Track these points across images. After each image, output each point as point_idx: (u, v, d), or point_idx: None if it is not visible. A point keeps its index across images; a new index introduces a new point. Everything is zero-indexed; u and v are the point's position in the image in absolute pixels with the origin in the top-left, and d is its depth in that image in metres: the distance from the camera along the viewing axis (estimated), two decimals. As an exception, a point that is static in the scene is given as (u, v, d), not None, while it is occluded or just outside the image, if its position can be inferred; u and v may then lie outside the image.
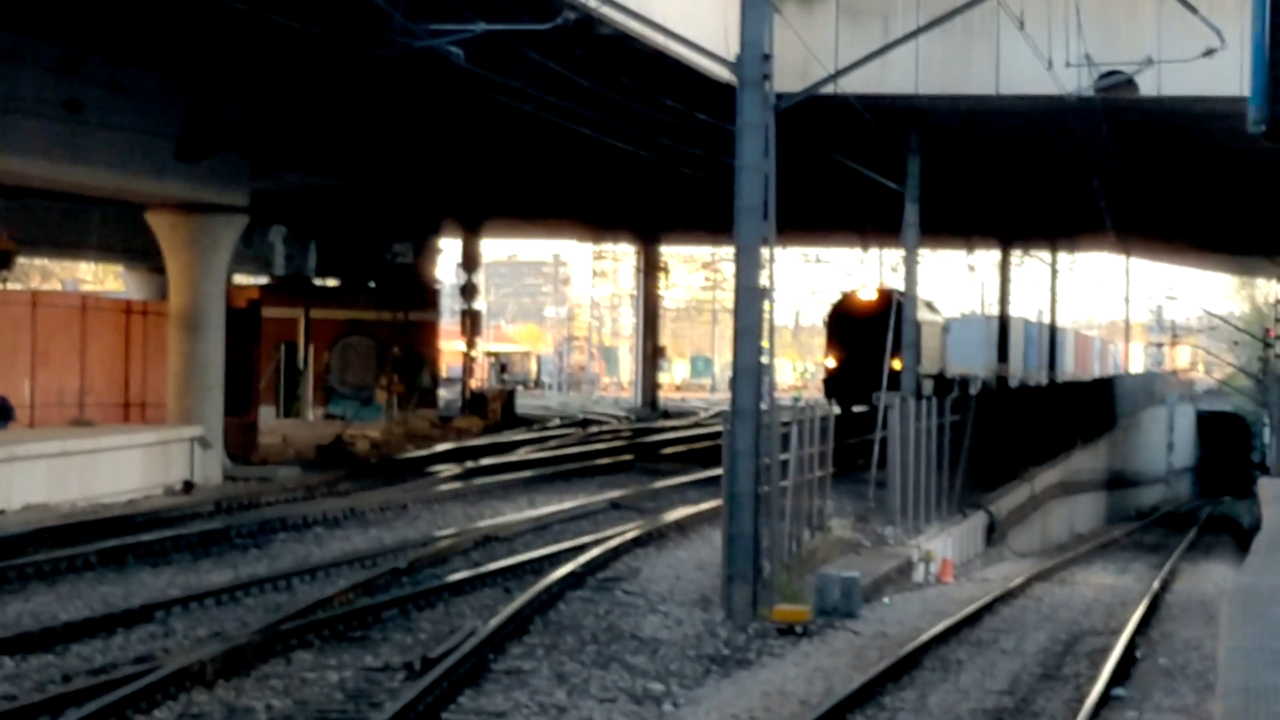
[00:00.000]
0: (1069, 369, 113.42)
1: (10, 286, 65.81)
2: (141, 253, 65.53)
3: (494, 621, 29.05)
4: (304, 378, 67.69)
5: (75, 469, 50.29)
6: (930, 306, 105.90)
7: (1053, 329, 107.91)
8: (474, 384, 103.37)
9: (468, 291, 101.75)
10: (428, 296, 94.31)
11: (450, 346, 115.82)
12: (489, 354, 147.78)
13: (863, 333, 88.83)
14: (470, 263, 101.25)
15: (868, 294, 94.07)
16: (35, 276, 72.65)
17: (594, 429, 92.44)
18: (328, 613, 30.50)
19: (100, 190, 59.25)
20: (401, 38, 36.32)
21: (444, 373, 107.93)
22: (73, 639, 28.33)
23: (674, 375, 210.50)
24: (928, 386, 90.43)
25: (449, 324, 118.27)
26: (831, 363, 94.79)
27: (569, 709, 24.09)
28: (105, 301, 63.73)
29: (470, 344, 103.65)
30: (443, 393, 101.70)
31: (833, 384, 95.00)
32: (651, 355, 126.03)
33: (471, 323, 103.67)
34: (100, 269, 79.29)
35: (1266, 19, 43.30)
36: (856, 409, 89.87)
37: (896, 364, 72.59)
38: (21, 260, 72.28)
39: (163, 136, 54.00)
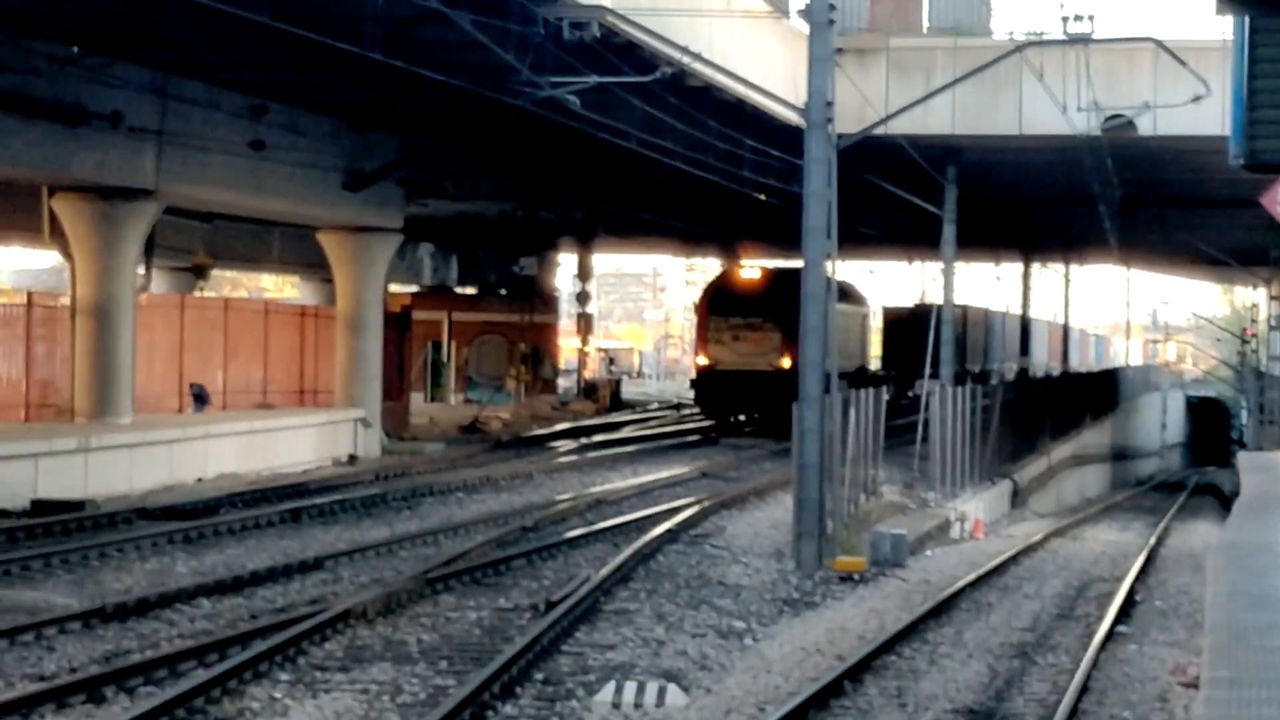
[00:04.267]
0: (1089, 363, 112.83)
1: (206, 294, 65.94)
2: (313, 266, 65.67)
3: (604, 570, 29.12)
4: (447, 369, 67.62)
5: (260, 444, 50.44)
6: (850, 295, 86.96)
7: (1066, 329, 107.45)
8: (587, 374, 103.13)
9: (582, 298, 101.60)
10: (549, 302, 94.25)
11: (567, 344, 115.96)
12: (599, 350, 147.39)
13: (746, 322, 70.89)
14: (584, 274, 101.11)
15: (751, 272, 73.19)
16: (226, 286, 73.04)
17: (686, 412, 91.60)
18: (467, 563, 30.59)
19: (280, 215, 59.37)
20: (528, 88, 36.33)
21: (562, 365, 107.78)
22: (258, 584, 28.52)
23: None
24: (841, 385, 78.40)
25: (566, 325, 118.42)
26: (704, 360, 71.73)
27: (666, 642, 24.12)
28: (284, 306, 63.91)
29: (584, 341, 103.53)
30: (561, 382, 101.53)
31: (706, 389, 73.39)
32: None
33: (585, 323, 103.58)
34: (280, 279, 79.44)
35: (1244, 72, 43.21)
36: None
37: (785, 361, 68.25)
38: (215, 272, 72.53)
39: (332, 170, 54.14)
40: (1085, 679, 21.65)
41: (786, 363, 66.62)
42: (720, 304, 71.29)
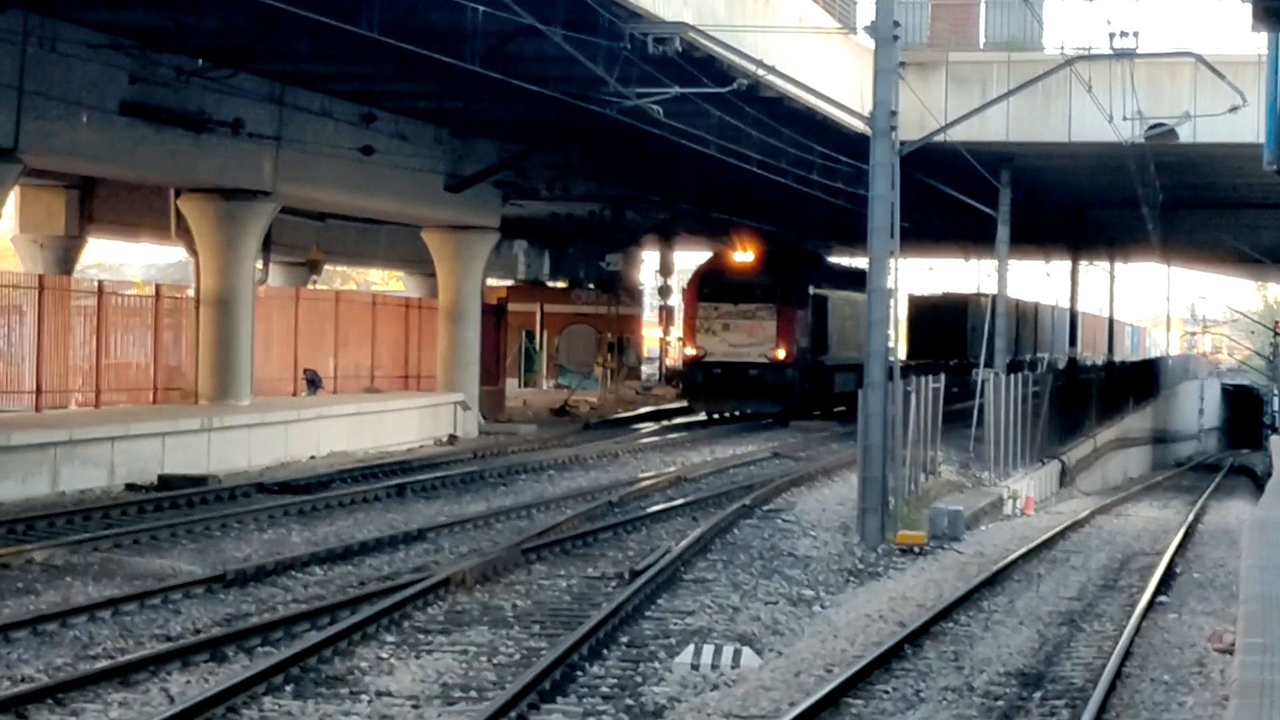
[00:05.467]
0: (1125, 352, 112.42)
1: (318, 287, 66.03)
2: (417, 261, 65.70)
3: (684, 543, 29.10)
4: (539, 356, 67.77)
5: (368, 425, 50.54)
6: (864, 282, 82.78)
7: (1111, 322, 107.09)
8: (669, 362, 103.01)
9: (663, 291, 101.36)
10: (633, 295, 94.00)
11: (650, 334, 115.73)
12: (679, 339, 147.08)
13: (739, 309, 63.30)
14: (665, 269, 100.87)
15: (744, 255, 64.69)
16: (337, 279, 73.14)
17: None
18: (558, 535, 30.59)
19: (387, 214, 59.47)
20: (615, 98, 36.32)
21: (645, 353, 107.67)
22: (366, 554, 28.62)
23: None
24: (846, 379, 68.76)
25: (649, 316, 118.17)
26: (692, 351, 64.44)
27: (741, 609, 24.12)
28: (390, 298, 64.03)
29: (665, 331, 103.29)
30: (644, 369, 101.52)
31: (694, 382, 65.73)
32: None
33: (666, 315, 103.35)
34: (386, 274, 79.58)
35: (1278, 84, 42.91)
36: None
37: (780, 352, 63.09)
38: (327, 267, 72.63)
39: (434, 174, 54.17)
40: (1128, 645, 21.59)
41: (782, 354, 62.55)
42: (710, 289, 63.46)
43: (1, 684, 18.06)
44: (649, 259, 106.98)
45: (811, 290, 64.12)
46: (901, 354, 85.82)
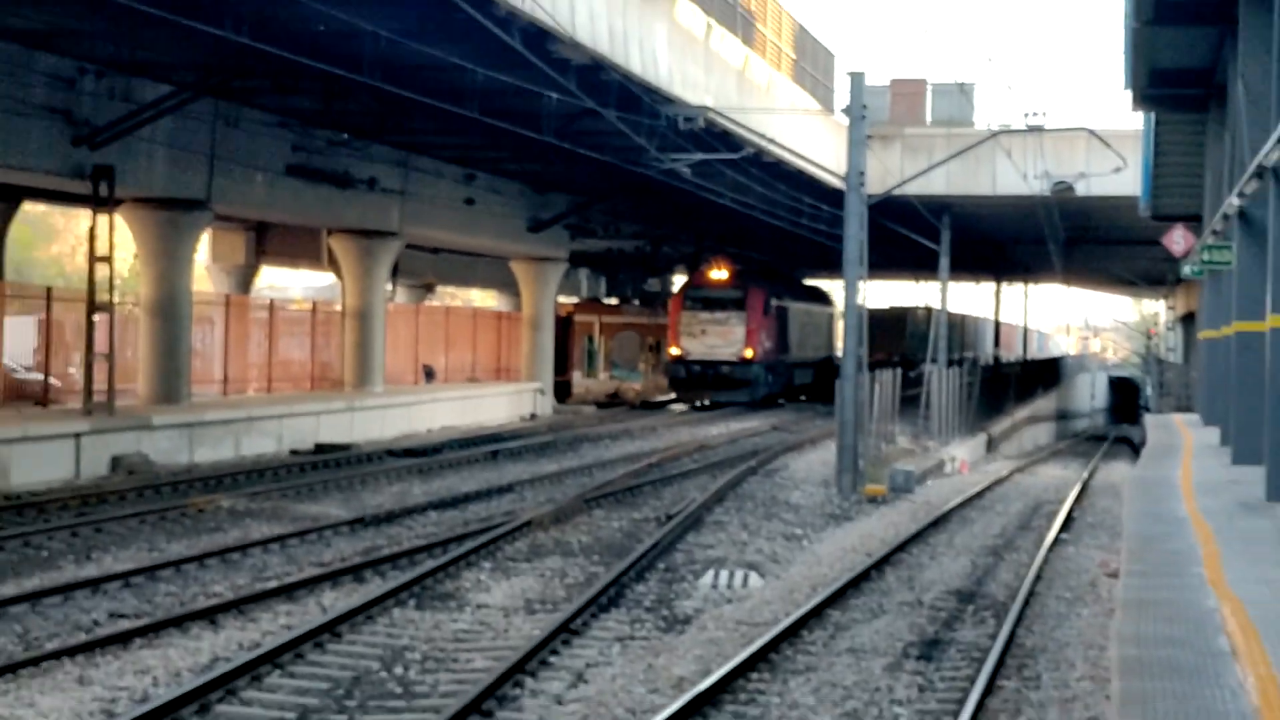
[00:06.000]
0: (1034, 352, 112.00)
1: (433, 303, 66.19)
2: (506, 284, 65.78)
3: (705, 495, 29.14)
4: (597, 355, 67.69)
5: (470, 406, 50.58)
6: (822, 297, 79.84)
7: (1024, 329, 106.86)
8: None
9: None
10: (668, 309, 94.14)
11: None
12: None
13: (713, 317, 60.51)
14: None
15: (720, 273, 61.29)
16: (446, 298, 73.30)
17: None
18: (612, 488, 30.56)
19: (484, 249, 59.57)
20: (654, 162, 36.38)
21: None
22: (469, 501, 28.65)
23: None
24: (804, 373, 69.89)
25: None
26: (675, 351, 61.06)
27: (749, 543, 24.15)
28: (486, 311, 64.15)
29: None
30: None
31: (678, 376, 61.60)
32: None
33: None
34: (483, 293, 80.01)
35: (1151, 151, 42.62)
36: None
37: (747, 352, 60.31)
38: (439, 288, 72.78)
39: (519, 219, 54.36)
40: (1039, 570, 21.55)
41: (749, 353, 60.15)
42: (691, 301, 60.72)
43: (199, 599, 18.21)
44: (679, 281, 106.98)
45: (774, 302, 62.35)
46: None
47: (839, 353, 78.65)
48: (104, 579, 19.00)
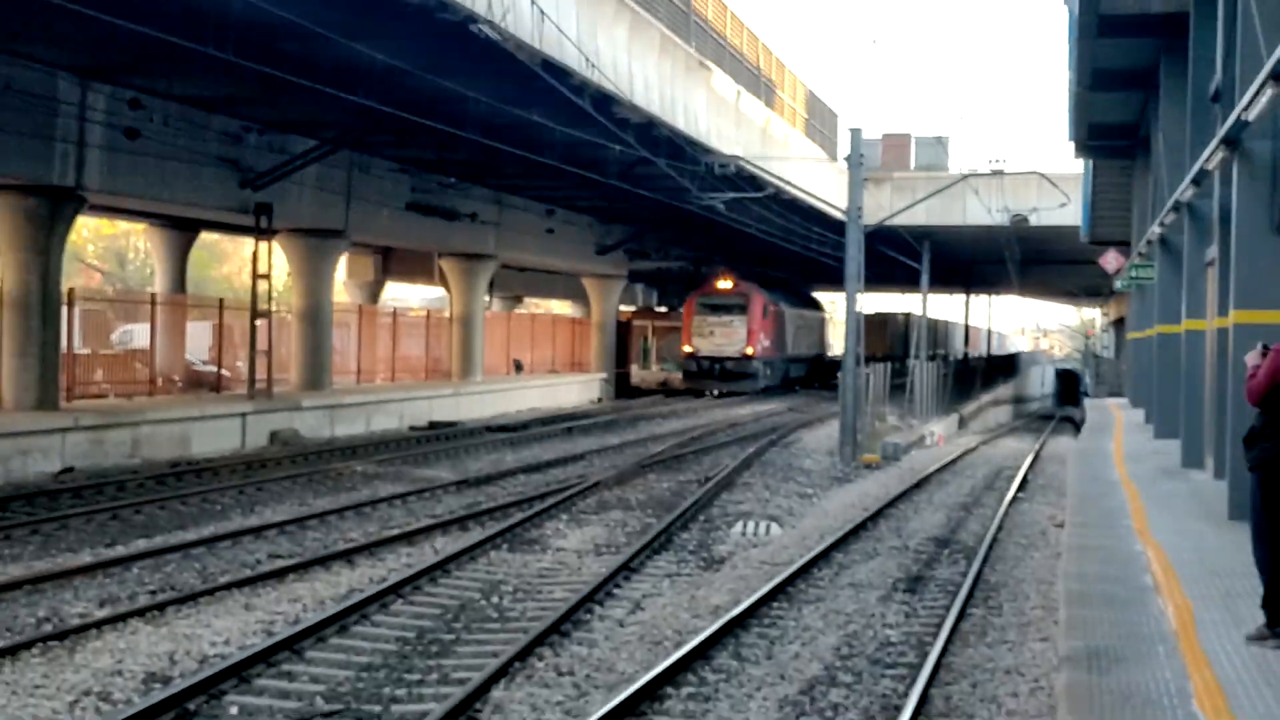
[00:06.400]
0: (995, 350, 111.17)
1: (520, 311, 66.21)
2: (579, 296, 65.78)
3: (735, 462, 29.11)
4: (650, 352, 67.40)
5: (549, 392, 50.64)
6: (814, 302, 77.58)
7: (988, 331, 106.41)
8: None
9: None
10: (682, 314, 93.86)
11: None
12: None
13: (720, 320, 57.83)
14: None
15: (725, 284, 58.65)
16: (531, 307, 73.33)
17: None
18: (662, 456, 30.57)
19: (561, 268, 59.53)
20: (695, 199, 36.35)
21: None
22: (550, 467, 28.67)
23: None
24: (798, 368, 67.77)
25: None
26: (688, 349, 58.25)
27: (770, 499, 24.10)
28: (563, 318, 64.14)
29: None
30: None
31: (690, 369, 58.70)
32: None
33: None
34: (560, 303, 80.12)
35: (1089, 189, 42.20)
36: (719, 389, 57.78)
37: (748, 349, 57.63)
38: (526, 299, 72.80)
39: (589, 244, 54.43)
40: (1000, 522, 21.47)
41: (750, 350, 57.47)
42: (701, 306, 58.08)
43: (339, 543, 18.29)
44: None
45: (771, 307, 60.39)
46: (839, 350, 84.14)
47: (829, 350, 78.79)
48: (264, 527, 19.19)
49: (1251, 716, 8.02)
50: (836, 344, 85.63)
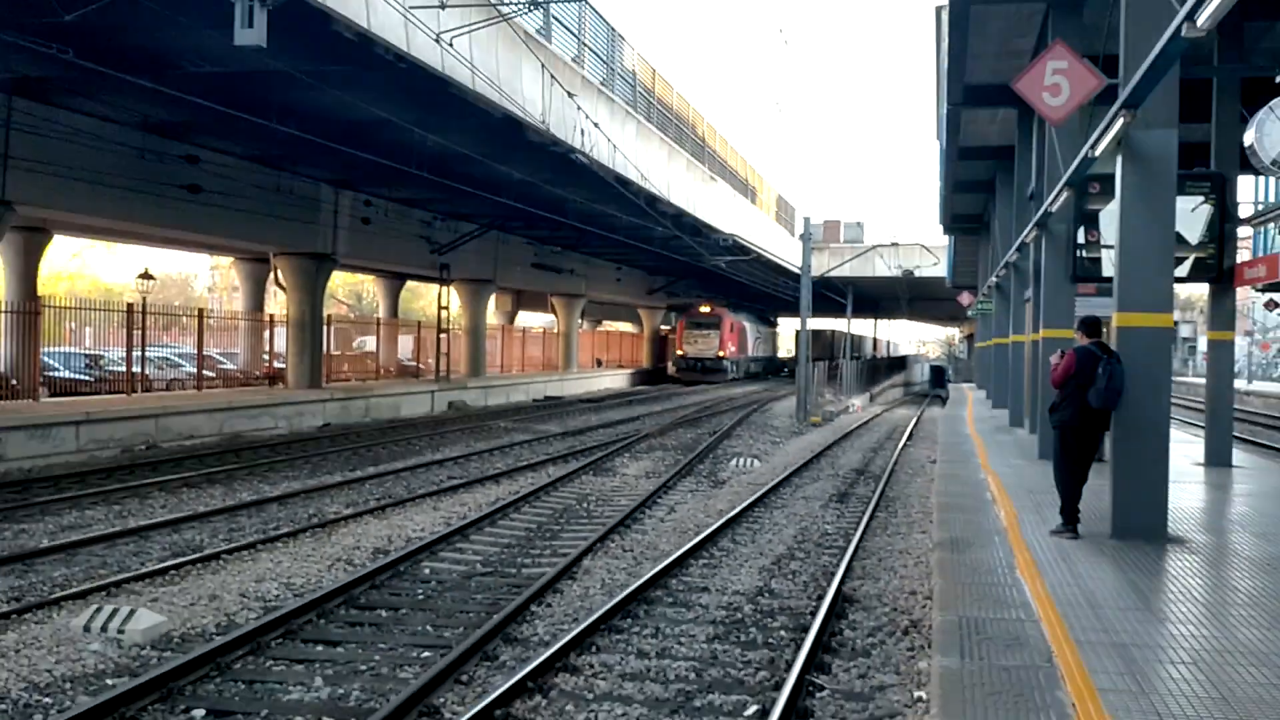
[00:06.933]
0: (893, 353, 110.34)
1: (599, 330, 66.09)
2: (636, 320, 65.65)
3: (731, 422, 28.92)
4: (675, 355, 67.39)
5: (617, 379, 50.48)
6: (769, 321, 73.37)
7: (890, 343, 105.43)
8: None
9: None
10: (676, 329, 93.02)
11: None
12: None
13: (701, 332, 55.04)
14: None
15: (705, 307, 55.80)
16: (606, 326, 73.09)
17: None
18: (686, 417, 30.30)
19: (626, 302, 59.34)
20: (708, 260, 36.27)
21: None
22: (618, 424, 28.39)
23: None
24: (756, 365, 64.65)
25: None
26: (679, 352, 55.19)
27: (753, 444, 23.75)
28: (625, 333, 64.03)
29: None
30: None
31: (681, 367, 55.21)
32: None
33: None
34: (624, 325, 79.86)
35: (952, 252, 41.50)
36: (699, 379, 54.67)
37: (721, 352, 54.36)
38: (604, 322, 72.64)
39: (642, 287, 54.26)
40: (896, 459, 21.25)
41: (721, 354, 54.14)
42: (689, 323, 55.02)
43: (490, 470, 18.26)
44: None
45: (735, 324, 57.49)
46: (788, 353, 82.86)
47: (779, 354, 77.92)
48: (444, 460, 19.11)
49: (1052, 579, 7.95)
50: (784, 349, 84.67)
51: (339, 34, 14.45)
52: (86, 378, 23.57)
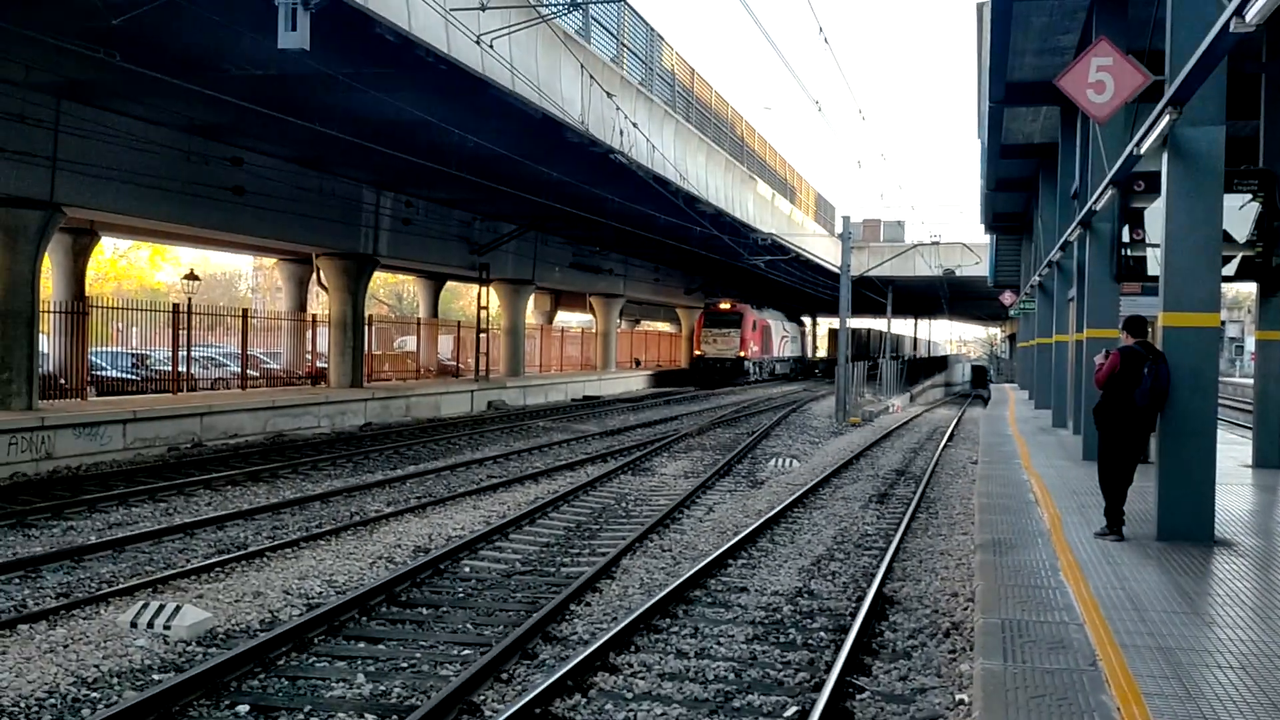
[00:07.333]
0: (933, 353, 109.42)
1: (638, 330, 66.16)
2: (674, 319, 65.62)
3: (770, 422, 28.81)
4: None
5: (655, 378, 50.42)
6: (798, 321, 69.34)
7: (930, 343, 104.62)
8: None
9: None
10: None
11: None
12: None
13: (721, 332, 50.92)
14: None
15: (724, 305, 51.65)
16: (645, 326, 73.12)
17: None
18: (725, 417, 30.21)
19: (664, 301, 59.34)
20: (746, 259, 36.17)
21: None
22: (656, 424, 28.41)
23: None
24: (783, 366, 60.91)
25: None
26: (698, 352, 51.19)
27: (792, 445, 23.66)
28: (662, 333, 64.05)
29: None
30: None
31: (698, 368, 51.10)
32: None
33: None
34: (662, 324, 79.84)
35: (994, 251, 41.13)
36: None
37: (741, 352, 50.68)
38: (642, 321, 72.65)
39: (680, 287, 54.21)
40: (937, 459, 21.11)
41: (742, 353, 50.38)
42: (708, 322, 50.93)
43: (529, 469, 18.32)
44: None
45: (758, 322, 52.83)
46: (823, 352, 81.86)
47: (809, 355, 75.15)
48: (484, 459, 19.17)
49: (1096, 581, 7.86)
50: (816, 349, 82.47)
51: (380, 36, 14.55)
52: (133, 377, 23.93)
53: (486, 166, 22.89)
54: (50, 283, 23.71)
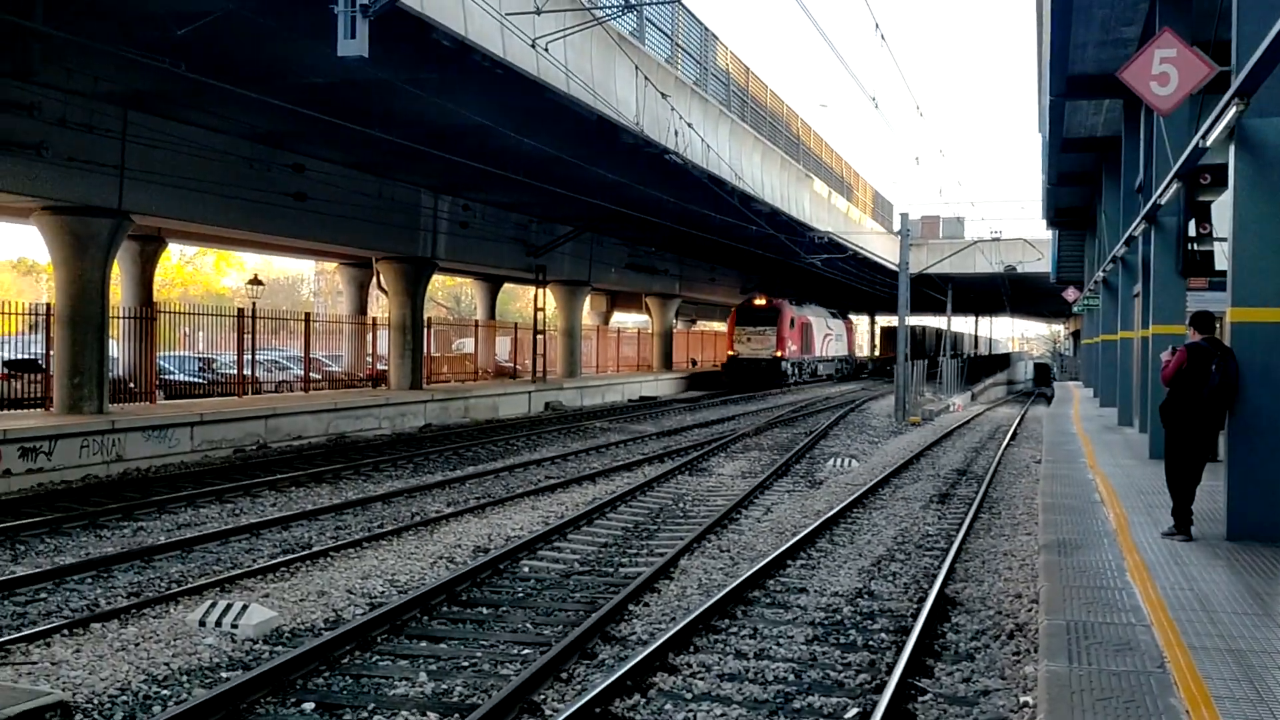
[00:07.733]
0: (994, 351, 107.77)
1: (693, 330, 66.10)
2: (720, 316, 65.49)
3: (827, 422, 28.61)
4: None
5: (710, 378, 50.46)
6: (844, 318, 63.21)
7: (991, 340, 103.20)
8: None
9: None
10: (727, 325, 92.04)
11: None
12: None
13: (756, 330, 46.57)
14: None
15: (760, 301, 47.18)
16: (701, 327, 73.06)
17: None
18: (782, 417, 30.01)
19: (720, 302, 59.25)
20: (803, 258, 35.98)
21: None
22: (713, 424, 28.33)
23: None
24: (826, 367, 55.40)
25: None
26: (730, 353, 46.78)
27: (850, 444, 23.48)
28: (718, 332, 63.95)
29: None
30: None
31: (731, 369, 46.58)
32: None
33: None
34: (717, 324, 79.76)
35: (1056, 248, 40.52)
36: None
37: (777, 353, 46.44)
38: (699, 321, 72.59)
39: (736, 286, 54.11)
40: (999, 459, 20.82)
41: (778, 354, 46.29)
42: (741, 319, 46.76)
43: (587, 470, 18.36)
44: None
45: (796, 319, 48.49)
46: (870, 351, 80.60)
47: (856, 354, 69.98)
48: (542, 460, 19.27)
49: (1164, 582, 7.71)
50: (859, 350, 78.64)
51: (438, 42, 14.72)
52: (200, 381, 24.43)
53: (542, 169, 23.03)
54: (119, 289, 24.35)
